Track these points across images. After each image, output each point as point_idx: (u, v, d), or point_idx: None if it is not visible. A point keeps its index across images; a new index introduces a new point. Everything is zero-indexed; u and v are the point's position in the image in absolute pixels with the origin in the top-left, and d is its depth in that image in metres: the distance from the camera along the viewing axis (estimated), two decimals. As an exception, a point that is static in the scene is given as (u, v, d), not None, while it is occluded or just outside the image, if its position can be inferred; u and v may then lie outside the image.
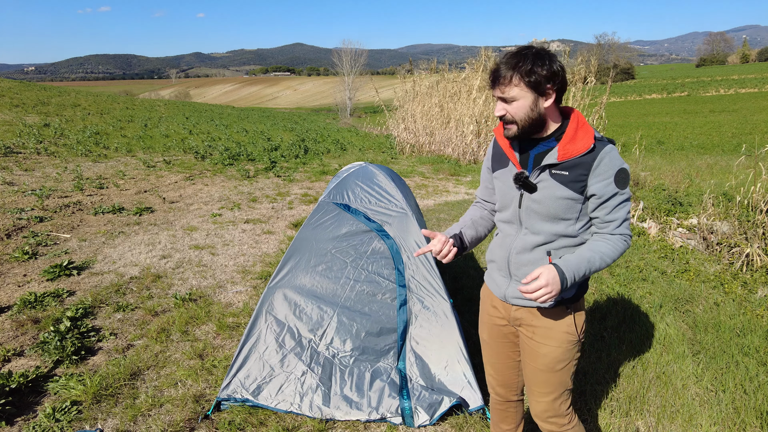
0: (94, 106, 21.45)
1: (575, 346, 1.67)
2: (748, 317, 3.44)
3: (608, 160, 1.49)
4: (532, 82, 1.43)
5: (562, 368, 1.67)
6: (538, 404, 1.75)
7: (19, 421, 2.45)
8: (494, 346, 1.87)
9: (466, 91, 12.63)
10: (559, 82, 1.46)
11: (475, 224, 1.85)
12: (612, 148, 1.51)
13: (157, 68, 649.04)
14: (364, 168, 3.13)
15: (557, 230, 1.58)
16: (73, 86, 74.09)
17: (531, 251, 1.62)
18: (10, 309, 3.59)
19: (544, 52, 1.45)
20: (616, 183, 1.50)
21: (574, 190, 1.52)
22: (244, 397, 2.49)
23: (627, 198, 1.53)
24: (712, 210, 5.22)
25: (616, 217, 1.53)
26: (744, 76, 56.80)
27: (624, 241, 1.56)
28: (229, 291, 4.09)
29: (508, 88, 1.46)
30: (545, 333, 1.65)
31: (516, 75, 1.44)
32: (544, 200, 1.55)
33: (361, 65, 40.42)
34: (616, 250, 1.54)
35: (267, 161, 10.45)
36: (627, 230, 1.56)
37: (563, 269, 1.46)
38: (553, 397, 1.70)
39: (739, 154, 9.19)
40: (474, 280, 4.33)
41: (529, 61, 1.42)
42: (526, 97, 1.46)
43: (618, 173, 1.49)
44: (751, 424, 2.41)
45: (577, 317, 1.65)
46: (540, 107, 1.48)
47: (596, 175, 1.50)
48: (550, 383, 1.69)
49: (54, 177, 7.93)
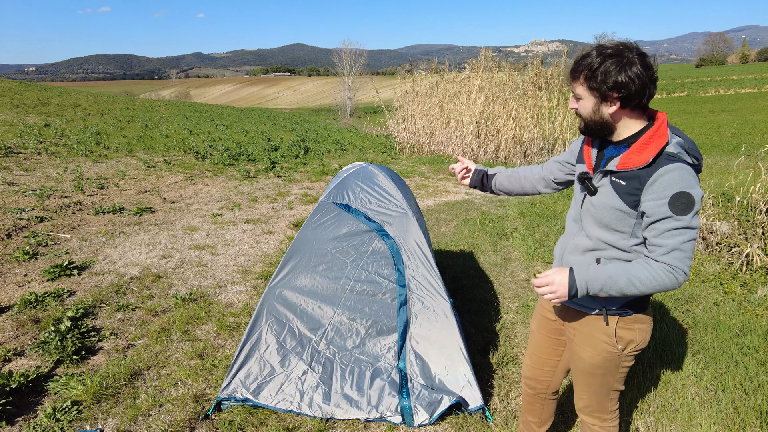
0: (94, 106, 21.46)
1: (617, 358, 1.60)
2: (748, 317, 3.44)
3: (668, 179, 1.35)
4: (594, 87, 1.41)
5: (603, 374, 1.65)
6: (580, 400, 1.77)
7: (19, 421, 2.45)
8: (539, 339, 1.90)
9: (466, 92, 12.63)
10: (627, 91, 1.37)
11: (513, 178, 1.90)
12: (679, 168, 1.35)
13: (157, 68, 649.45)
14: (364, 168, 3.14)
15: (609, 240, 1.52)
16: (74, 86, 74.13)
17: (582, 254, 1.60)
18: (11, 309, 3.60)
19: (619, 56, 1.37)
20: (670, 206, 1.35)
21: (626, 202, 1.44)
22: (245, 396, 2.50)
23: (685, 226, 1.36)
24: (711, 210, 5.23)
25: (664, 243, 1.38)
26: (743, 76, 56.83)
27: (668, 272, 1.38)
28: (230, 291, 4.10)
29: (574, 86, 1.48)
30: (584, 338, 1.65)
31: (581, 75, 1.44)
32: (599, 206, 1.52)
33: (361, 65, 40.42)
34: (653, 278, 1.39)
35: (267, 161, 10.45)
36: (677, 261, 1.38)
37: (576, 276, 1.45)
38: (595, 397, 1.72)
39: (738, 154, 9.20)
40: (474, 280, 4.34)
41: (597, 65, 1.39)
42: (588, 99, 1.46)
43: (675, 195, 1.34)
44: (751, 424, 2.41)
45: (620, 330, 1.58)
46: (603, 112, 1.45)
47: (650, 192, 1.39)
48: (592, 385, 1.70)
49: (54, 177, 7.93)
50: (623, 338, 1.58)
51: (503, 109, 12.00)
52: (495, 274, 4.52)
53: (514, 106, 11.93)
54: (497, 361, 3.01)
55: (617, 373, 1.66)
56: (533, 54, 22.37)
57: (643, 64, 1.36)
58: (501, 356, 3.05)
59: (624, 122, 1.46)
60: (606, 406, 1.73)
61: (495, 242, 5.38)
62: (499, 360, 3.02)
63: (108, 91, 61.16)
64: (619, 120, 1.46)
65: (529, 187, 1.92)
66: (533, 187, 1.91)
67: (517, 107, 11.93)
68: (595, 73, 1.39)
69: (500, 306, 3.82)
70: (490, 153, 11.77)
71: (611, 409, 1.75)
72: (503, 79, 12.67)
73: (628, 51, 1.37)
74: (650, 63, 1.38)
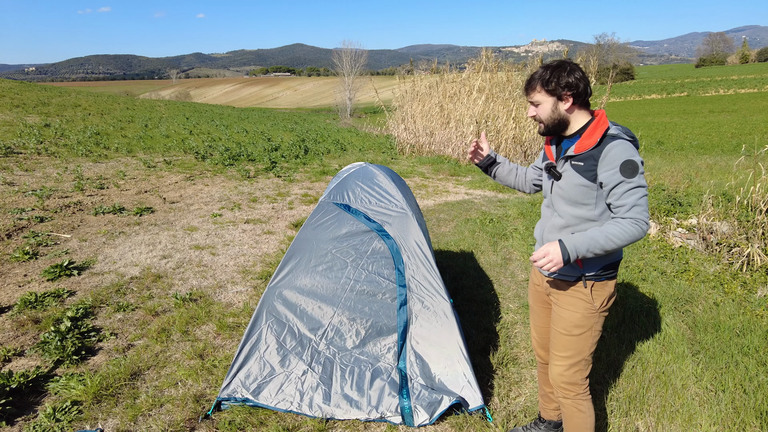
0: (94, 106, 21.46)
1: (593, 315, 1.89)
2: (748, 317, 3.44)
3: (614, 153, 1.70)
4: (550, 90, 1.78)
5: (579, 334, 1.90)
6: (555, 367, 1.98)
7: (19, 421, 2.46)
8: (537, 310, 2.19)
9: (466, 92, 12.63)
10: (575, 89, 1.75)
11: (511, 172, 2.24)
12: (621, 143, 1.71)
13: (157, 68, 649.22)
14: (364, 168, 3.14)
15: (579, 214, 1.84)
16: (74, 86, 74.10)
17: (559, 231, 1.91)
18: (11, 309, 3.60)
19: (562, 66, 1.77)
20: (621, 172, 1.68)
21: (587, 178, 1.77)
22: (245, 396, 2.50)
23: (636, 186, 1.68)
24: (711, 210, 5.23)
25: (626, 202, 1.70)
26: (743, 76, 56.82)
27: (634, 224, 1.69)
28: (230, 291, 4.10)
29: (532, 95, 1.84)
30: (566, 300, 1.93)
31: (537, 85, 1.81)
32: (566, 186, 1.84)
33: (361, 65, 40.37)
34: (624, 232, 1.69)
35: (267, 161, 10.45)
36: (639, 215, 1.69)
37: (565, 243, 1.73)
38: (570, 362, 1.93)
39: (738, 155, 9.20)
40: (474, 280, 4.34)
41: (548, 74, 1.77)
42: (547, 101, 1.81)
43: (623, 163, 1.68)
44: (751, 424, 2.41)
45: (596, 292, 1.87)
46: (560, 110, 1.81)
47: (603, 166, 1.73)
48: (568, 347, 1.93)
49: (54, 177, 7.93)
50: (598, 297, 1.89)
51: (503, 109, 12.00)
52: (495, 274, 4.52)
53: (515, 106, 11.93)
54: (497, 361, 3.01)
55: (590, 336, 1.91)
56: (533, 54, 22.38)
57: (581, 71, 1.78)
58: (501, 356, 3.05)
59: (575, 117, 1.83)
60: (576, 377, 1.94)
61: (495, 242, 5.39)
62: (499, 360, 3.02)
63: (108, 91, 61.16)
64: (571, 114, 1.82)
65: (521, 184, 2.26)
66: (523, 185, 2.25)
67: (517, 107, 11.93)
68: (550, 79, 1.77)
69: (500, 306, 3.82)
70: (490, 153, 11.76)
71: (582, 383, 1.95)
72: (503, 79, 12.66)
73: (567, 63, 1.78)
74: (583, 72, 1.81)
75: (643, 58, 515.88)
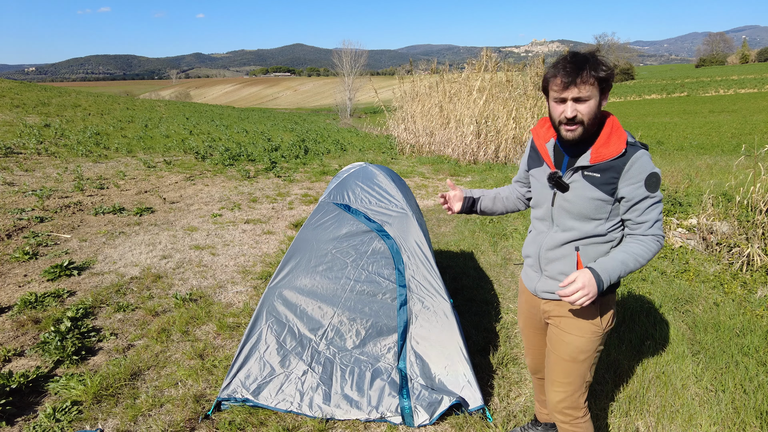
0: (94, 106, 21.46)
1: (599, 338, 1.73)
2: (748, 317, 3.44)
3: (639, 165, 1.53)
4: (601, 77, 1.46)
5: (584, 359, 1.75)
6: (556, 394, 1.81)
7: (19, 421, 2.45)
8: (528, 335, 2.02)
9: (466, 92, 12.63)
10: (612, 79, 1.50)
11: (496, 199, 2.03)
12: (643, 153, 1.55)
13: (157, 69, 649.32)
14: (364, 168, 3.14)
15: (587, 229, 1.65)
16: (74, 87, 74.11)
17: (560, 247, 1.71)
18: (11, 309, 3.60)
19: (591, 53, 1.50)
20: (646, 186, 1.54)
21: (605, 191, 1.58)
22: (245, 396, 2.50)
23: (658, 200, 1.57)
24: (711, 210, 5.23)
25: (648, 218, 1.58)
26: (743, 76, 56.83)
27: (656, 242, 1.59)
28: (230, 291, 4.10)
29: (581, 88, 1.46)
30: (570, 323, 1.75)
31: (585, 73, 1.45)
32: (575, 200, 1.63)
33: (361, 66, 40.34)
34: (649, 251, 1.58)
35: (267, 162, 10.45)
36: (659, 231, 1.60)
37: (599, 272, 1.53)
38: (572, 388, 1.78)
39: (738, 155, 9.20)
40: (474, 280, 4.34)
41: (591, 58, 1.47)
42: (595, 95, 1.49)
43: (648, 177, 1.53)
44: (751, 424, 2.41)
45: (603, 311, 1.72)
46: (601, 107, 1.54)
47: (627, 179, 1.54)
48: (571, 373, 1.76)
49: (54, 177, 7.93)
50: (604, 317, 1.73)
51: (503, 109, 12.00)
52: (495, 274, 4.52)
53: (515, 106, 11.93)
54: (497, 361, 3.01)
55: (594, 359, 1.77)
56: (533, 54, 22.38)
57: None
58: (501, 356, 3.05)
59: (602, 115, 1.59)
60: (579, 401, 1.80)
61: (495, 242, 5.38)
62: (499, 360, 3.02)
63: (108, 91, 61.17)
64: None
65: (511, 206, 2.08)
66: (514, 205, 2.07)
67: (517, 107, 11.93)
68: (598, 64, 1.45)
69: (500, 306, 3.82)
70: (490, 153, 11.77)
71: (583, 405, 1.81)
72: (503, 79, 12.66)
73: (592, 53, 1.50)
74: None
75: (643, 58, 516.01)
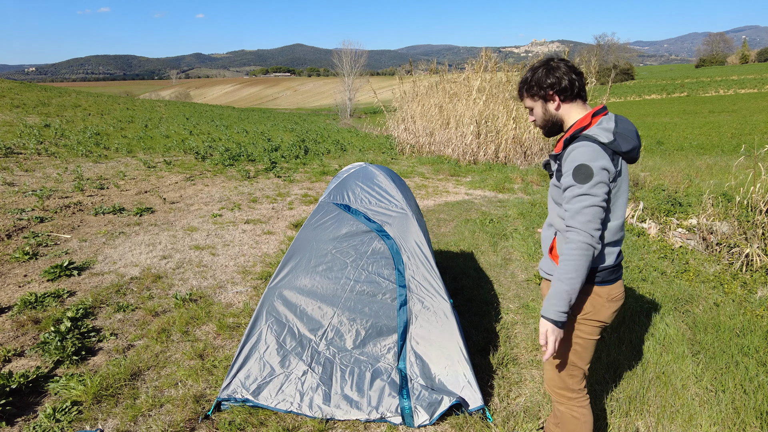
0: (94, 106, 21.46)
1: (570, 322, 1.79)
2: (748, 317, 3.44)
3: (573, 155, 1.63)
4: (534, 94, 1.77)
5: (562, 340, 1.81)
6: (545, 372, 1.96)
7: (19, 422, 2.45)
8: None
9: (465, 92, 12.63)
10: (558, 87, 1.71)
11: None
12: (584, 144, 1.63)
13: (157, 69, 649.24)
14: (364, 168, 3.14)
15: (558, 212, 1.79)
16: (74, 87, 74.06)
17: (547, 228, 1.88)
18: (11, 309, 3.60)
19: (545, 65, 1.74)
20: (573, 176, 1.61)
21: (558, 178, 1.75)
22: (245, 397, 2.50)
23: (584, 193, 1.58)
24: (711, 210, 5.23)
25: (570, 208, 1.62)
26: (743, 76, 56.83)
27: (575, 233, 1.59)
28: (230, 291, 4.10)
29: (524, 103, 1.83)
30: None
31: (523, 92, 1.82)
32: (551, 184, 1.82)
33: (361, 66, 40.31)
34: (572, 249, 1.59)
35: (267, 162, 10.45)
36: (581, 224, 1.59)
37: (543, 313, 1.67)
38: (555, 370, 1.88)
39: (738, 155, 9.19)
40: (474, 280, 4.34)
41: (529, 78, 1.77)
42: (537, 106, 1.80)
43: (576, 167, 1.60)
44: (751, 424, 2.41)
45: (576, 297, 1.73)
46: (550, 110, 1.78)
47: (564, 168, 1.68)
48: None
49: (54, 177, 7.93)
50: (576, 303, 1.76)
51: (503, 109, 12.00)
52: (495, 274, 4.52)
53: (515, 106, 11.92)
54: (497, 361, 3.01)
55: (571, 342, 1.81)
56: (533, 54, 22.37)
57: (568, 66, 1.73)
58: (501, 357, 3.05)
59: (568, 113, 1.77)
60: (567, 382, 1.87)
61: (495, 242, 5.38)
62: (499, 360, 3.02)
63: (108, 91, 61.16)
64: (563, 112, 1.77)
65: None
66: None
67: (517, 107, 11.92)
68: (532, 84, 1.77)
69: (500, 306, 3.82)
70: (490, 153, 11.77)
71: (574, 388, 1.88)
72: (503, 80, 12.66)
73: (552, 60, 1.75)
74: (571, 65, 1.74)
75: (643, 59, 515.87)
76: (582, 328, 1.79)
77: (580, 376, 1.88)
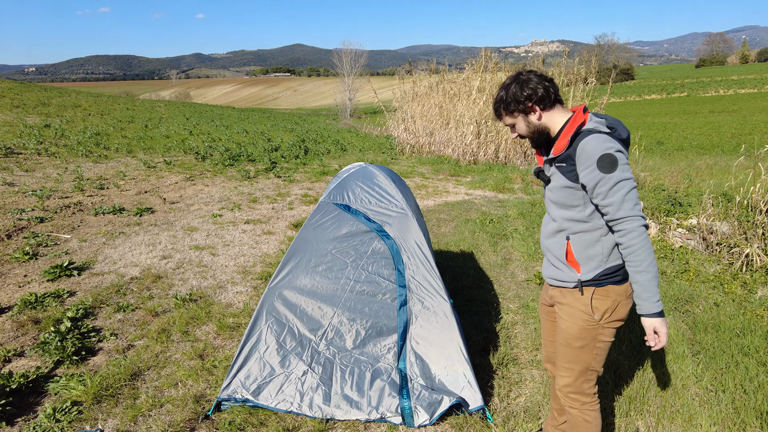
0: (94, 106, 21.46)
1: (594, 328, 1.77)
2: (748, 317, 3.44)
3: (589, 148, 1.61)
4: (513, 110, 1.77)
5: (580, 346, 1.81)
6: (561, 378, 1.91)
7: (19, 422, 2.45)
8: (545, 324, 2.12)
9: (465, 92, 12.63)
10: (535, 97, 1.72)
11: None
12: (594, 137, 1.62)
13: (157, 69, 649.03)
14: (364, 168, 3.13)
15: (568, 216, 1.77)
16: (74, 87, 74.04)
17: (553, 236, 1.85)
18: (11, 309, 3.60)
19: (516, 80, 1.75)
20: (599, 168, 1.59)
21: (570, 179, 1.70)
22: (245, 397, 2.50)
23: (618, 180, 1.58)
24: (711, 210, 5.23)
25: (611, 201, 1.61)
26: (743, 76, 56.82)
27: (631, 222, 1.60)
28: (230, 291, 4.10)
29: (504, 121, 1.83)
30: (564, 310, 1.85)
31: (501, 111, 1.81)
32: (554, 189, 1.78)
33: (361, 66, 40.31)
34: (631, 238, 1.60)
35: (267, 162, 10.45)
36: (629, 212, 1.60)
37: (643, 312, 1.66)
38: (574, 374, 1.86)
39: (738, 155, 9.20)
40: (474, 280, 4.34)
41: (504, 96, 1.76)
42: (518, 120, 1.80)
43: (599, 159, 1.58)
44: (751, 424, 2.41)
45: (597, 300, 1.76)
46: (532, 122, 1.78)
47: (580, 165, 1.64)
48: (571, 360, 1.85)
49: (54, 177, 7.93)
50: (599, 308, 1.76)
51: (503, 110, 11.98)
52: (495, 274, 4.52)
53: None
54: (497, 361, 3.01)
55: (594, 347, 1.81)
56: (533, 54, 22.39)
57: (537, 75, 1.74)
58: (501, 357, 3.05)
59: (551, 120, 1.77)
60: (583, 387, 1.87)
61: (495, 242, 5.38)
62: (499, 360, 3.02)
63: (108, 91, 61.15)
64: (545, 120, 1.78)
65: None
66: None
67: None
68: (508, 102, 1.76)
69: (500, 306, 3.82)
70: (490, 153, 11.77)
71: (589, 393, 1.88)
72: (503, 80, 12.65)
73: (521, 74, 1.76)
74: (540, 73, 1.76)
75: (643, 59, 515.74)
76: (604, 332, 1.80)
77: (595, 380, 1.89)
